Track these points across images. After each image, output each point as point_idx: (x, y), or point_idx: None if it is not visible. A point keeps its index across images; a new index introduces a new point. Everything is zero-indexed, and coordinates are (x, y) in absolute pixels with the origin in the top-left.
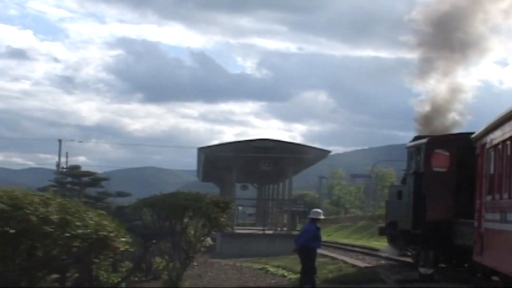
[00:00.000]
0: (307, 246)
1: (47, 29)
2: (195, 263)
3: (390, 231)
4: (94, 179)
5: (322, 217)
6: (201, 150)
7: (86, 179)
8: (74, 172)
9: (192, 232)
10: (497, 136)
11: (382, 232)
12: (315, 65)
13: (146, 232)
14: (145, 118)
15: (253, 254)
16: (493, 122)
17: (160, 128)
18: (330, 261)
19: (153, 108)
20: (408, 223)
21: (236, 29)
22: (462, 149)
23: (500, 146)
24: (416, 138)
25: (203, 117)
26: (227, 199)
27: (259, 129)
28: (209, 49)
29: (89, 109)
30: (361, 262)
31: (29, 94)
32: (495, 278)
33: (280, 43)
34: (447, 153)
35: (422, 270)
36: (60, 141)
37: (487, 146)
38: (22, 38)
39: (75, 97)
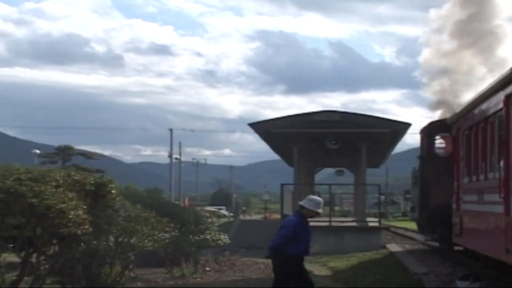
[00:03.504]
0: (279, 251)
1: (187, 24)
2: (207, 268)
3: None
4: None
5: (314, 208)
6: (253, 127)
7: None
8: None
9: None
10: (472, 118)
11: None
12: None
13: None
14: (287, 109)
15: (320, 250)
16: (467, 105)
17: None
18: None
19: (295, 99)
20: (418, 208)
21: (375, 17)
22: None
23: (474, 129)
24: None
25: (345, 107)
26: (102, 179)
27: (401, 117)
28: (346, 38)
29: (232, 102)
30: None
31: (172, 89)
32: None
33: (420, 29)
34: (449, 137)
35: (459, 284)
36: (171, 130)
37: (463, 128)
38: (164, 34)
39: (217, 90)
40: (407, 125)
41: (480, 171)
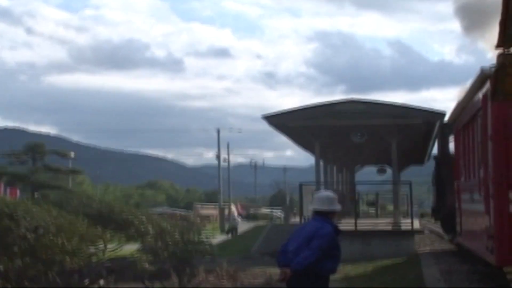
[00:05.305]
0: (315, 269)
1: (244, 27)
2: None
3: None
4: None
5: (335, 208)
6: (268, 120)
7: None
8: None
9: None
10: (464, 118)
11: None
12: None
13: None
14: None
15: (344, 258)
16: (459, 104)
17: None
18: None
19: None
20: (436, 208)
21: (434, 15)
22: None
23: (465, 128)
24: None
25: None
26: None
27: None
28: (405, 37)
29: (292, 103)
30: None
31: (232, 91)
32: None
33: None
34: None
35: None
36: (218, 131)
37: (458, 128)
38: (222, 37)
39: (277, 92)
40: (441, 115)
41: (471, 170)
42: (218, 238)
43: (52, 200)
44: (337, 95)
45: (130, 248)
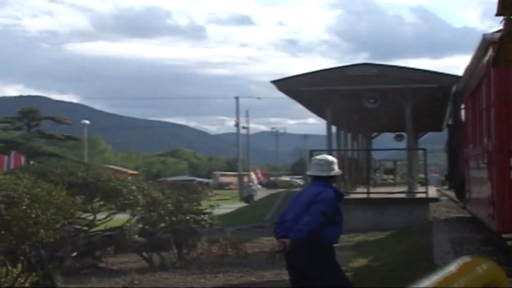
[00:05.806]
0: (316, 238)
1: None
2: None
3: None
4: None
5: (335, 172)
6: (277, 84)
7: None
8: None
9: None
10: (471, 85)
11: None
12: None
13: None
14: None
15: (356, 227)
16: (467, 72)
17: None
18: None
19: None
20: (449, 176)
21: None
22: None
23: (472, 96)
24: None
25: None
26: None
27: None
28: (428, 3)
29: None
30: None
31: (254, 59)
32: None
33: None
34: None
35: None
36: (237, 98)
37: (466, 96)
38: (244, 4)
39: (300, 59)
40: (457, 79)
41: (477, 138)
42: (236, 205)
43: (35, 168)
44: (360, 62)
45: (124, 219)
